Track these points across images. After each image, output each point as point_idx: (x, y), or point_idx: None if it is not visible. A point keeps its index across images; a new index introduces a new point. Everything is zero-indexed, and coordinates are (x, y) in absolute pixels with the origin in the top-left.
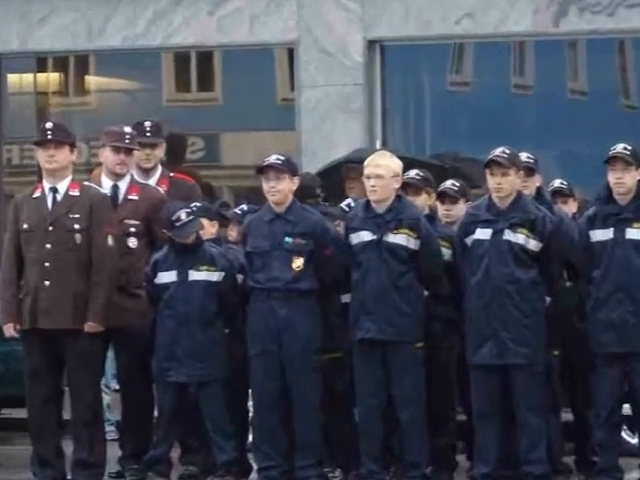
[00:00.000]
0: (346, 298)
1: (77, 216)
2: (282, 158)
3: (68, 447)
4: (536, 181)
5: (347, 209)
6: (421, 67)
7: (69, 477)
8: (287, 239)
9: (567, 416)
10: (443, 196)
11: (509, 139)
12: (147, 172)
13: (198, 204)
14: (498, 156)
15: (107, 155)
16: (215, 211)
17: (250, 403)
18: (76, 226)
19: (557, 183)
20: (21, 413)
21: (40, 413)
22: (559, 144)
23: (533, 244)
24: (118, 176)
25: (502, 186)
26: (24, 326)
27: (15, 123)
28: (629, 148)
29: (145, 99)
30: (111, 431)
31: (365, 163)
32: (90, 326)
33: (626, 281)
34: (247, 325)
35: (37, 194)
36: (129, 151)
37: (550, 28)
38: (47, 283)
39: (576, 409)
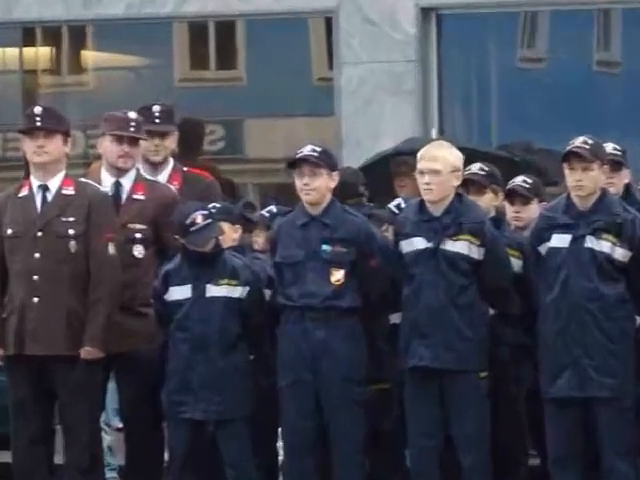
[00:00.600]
0: (395, 318)
1: (72, 219)
2: (318, 150)
3: None
4: (624, 177)
5: (397, 211)
6: (485, 40)
7: None
8: (324, 247)
9: None
10: (512, 195)
11: (591, 126)
12: (156, 166)
13: (217, 205)
14: (578, 147)
15: (108, 146)
16: (238, 213)
17: (280, 444)
18: (70, 231)
19: None
20: (5, 456)
21: (27, 456)
22: None
23: (620, 253)
24: (121, 171)
25: (583, 183)
26: (8, 351)
27: None
28: None
29: (154, 78)
30: (113, 477)
31: (418, 156)
32: (87, 352)
33: None
34: (276, 350)
35: (24, 193)
36: (134, 141)
37: None
38: (36, 300)
39: None
